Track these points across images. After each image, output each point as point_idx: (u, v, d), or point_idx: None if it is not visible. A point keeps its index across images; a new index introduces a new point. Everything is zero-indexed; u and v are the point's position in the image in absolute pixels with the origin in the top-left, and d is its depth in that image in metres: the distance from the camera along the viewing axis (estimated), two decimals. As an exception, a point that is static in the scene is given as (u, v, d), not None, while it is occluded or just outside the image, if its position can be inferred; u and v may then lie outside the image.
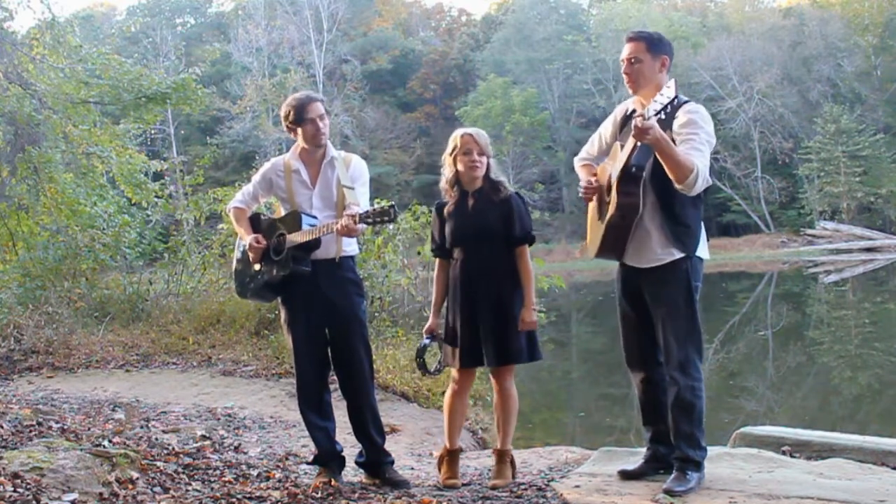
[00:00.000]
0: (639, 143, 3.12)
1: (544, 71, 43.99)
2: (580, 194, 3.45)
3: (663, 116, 2.97)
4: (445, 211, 3.63)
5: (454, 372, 3.62)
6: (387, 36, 50.43)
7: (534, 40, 45.29)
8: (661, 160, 3.04)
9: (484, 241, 3.52)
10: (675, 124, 3.13)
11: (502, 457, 3.61)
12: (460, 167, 3.56)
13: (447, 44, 51.43)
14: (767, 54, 40.15)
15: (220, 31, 49.64)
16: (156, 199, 10.87)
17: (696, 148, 3.06)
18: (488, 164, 3.57)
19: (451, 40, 51.79)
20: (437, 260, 3.71)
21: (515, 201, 3.55)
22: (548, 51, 44.42)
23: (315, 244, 3.47)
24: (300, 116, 3.56)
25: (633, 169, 3.17)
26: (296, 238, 3.47)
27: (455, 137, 3.58)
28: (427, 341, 3.64)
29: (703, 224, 3.30)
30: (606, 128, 3.50)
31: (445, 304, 3.66)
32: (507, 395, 3.57)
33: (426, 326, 3.69)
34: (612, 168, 3.28)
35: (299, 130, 3.59)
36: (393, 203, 3.29)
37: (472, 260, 3.54)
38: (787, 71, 40.46)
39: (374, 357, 3.76)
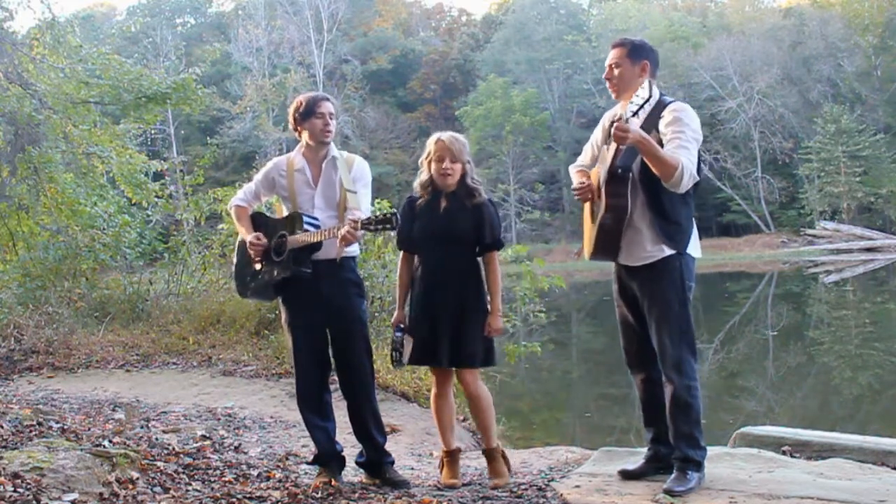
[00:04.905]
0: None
1: (544, 71, 44.02)
2: (575, 197, 3.50)
3: (640, 116, 3.04)
4: (417, 206, 3.64)
5: (432, 375, 3.67)
6: (387, 36, 50.45)
7: (534, 40, 45.30)
8: (645, 160, 3.08)
9: (451, 243, 3.54)
10: (661, 124, 3.17)
11: (492, 455, 3.63)
12: (433, 173, 3.57)
13: (447, 44, 51.44)
14: (767, 54, 40.15)
15: (220, 31, 49.70)
16: (156, 199, 10.86)
17: (682, 146, 3.09)
18: (465, 169, 3.57)
19: (451, 40, 51.80)
20: (401, 252, 3.72)
21: (488, 208, 3.58)
22: (548, 51, 44.45)
23: (316, 246, 3.47)
24: (311, 110, 3.57)
25: (620, 170, 3.21)
26: (298, 241, 3.47)
27: (430, 142, 3.60)
28: (399, 334, 3.66)
29: (694, 222, 3.32)
30: (597, 135, 3.55)
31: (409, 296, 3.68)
32: (475, 395, 3.59)
33: (393, 319, 3.72)
34: (601, 171, 3.32)
35: (307, 125, 3.59)
36: (395, 211, 3.29)
37: (437, 260, 3.56)
38: (787, 71, 40.46)
39: (374, 357, 3.76)
